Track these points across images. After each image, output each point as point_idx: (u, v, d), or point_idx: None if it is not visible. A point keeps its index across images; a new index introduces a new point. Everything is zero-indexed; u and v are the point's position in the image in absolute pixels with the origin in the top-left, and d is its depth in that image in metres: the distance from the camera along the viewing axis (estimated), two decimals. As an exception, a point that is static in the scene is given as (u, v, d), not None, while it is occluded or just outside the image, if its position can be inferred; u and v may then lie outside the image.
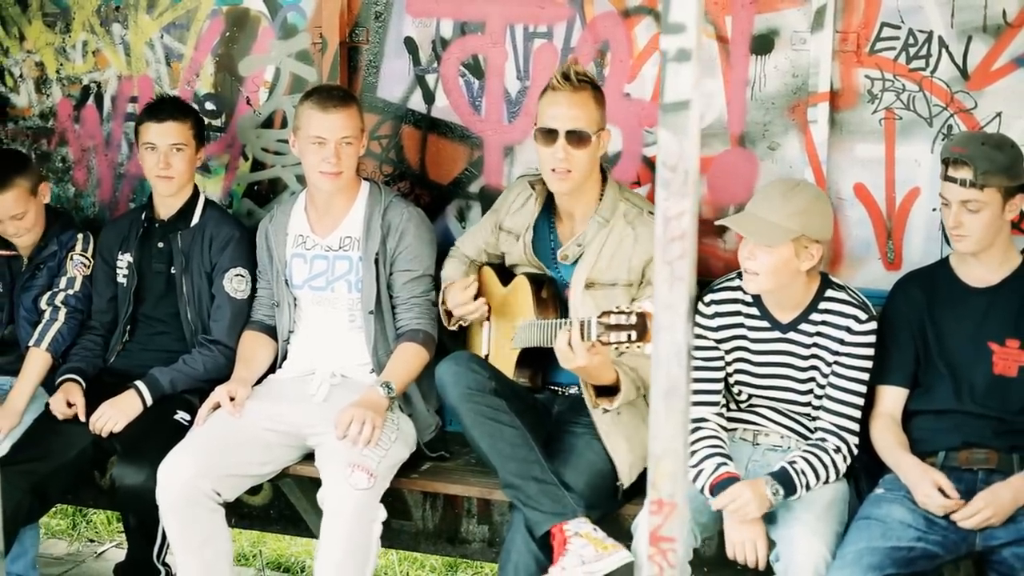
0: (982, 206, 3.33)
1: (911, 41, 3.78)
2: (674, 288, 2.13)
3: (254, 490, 4.60)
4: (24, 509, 3.87)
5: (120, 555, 4.93)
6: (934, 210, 3.78)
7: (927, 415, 3.48)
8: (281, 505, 4.62)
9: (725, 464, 3.43)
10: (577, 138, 3.58)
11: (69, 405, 4.02)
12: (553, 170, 3.61)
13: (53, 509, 5.21)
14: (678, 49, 2.03)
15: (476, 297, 3.82)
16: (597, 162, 3.69)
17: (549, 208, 3.82)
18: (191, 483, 3.65)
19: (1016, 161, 3.37)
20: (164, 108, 4.16)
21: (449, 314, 3.90)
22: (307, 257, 4.03)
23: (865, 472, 3.55)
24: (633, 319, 3.10)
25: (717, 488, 3.38)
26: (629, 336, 3.09)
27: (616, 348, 3.17)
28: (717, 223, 3.55)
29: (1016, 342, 3.42)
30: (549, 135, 3.59)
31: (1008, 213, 3.38)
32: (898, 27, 3.78)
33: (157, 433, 3.86)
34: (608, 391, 3.49)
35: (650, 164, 4.06)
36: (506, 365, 3.75)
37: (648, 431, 2.08)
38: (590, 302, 3.57)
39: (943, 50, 3.75)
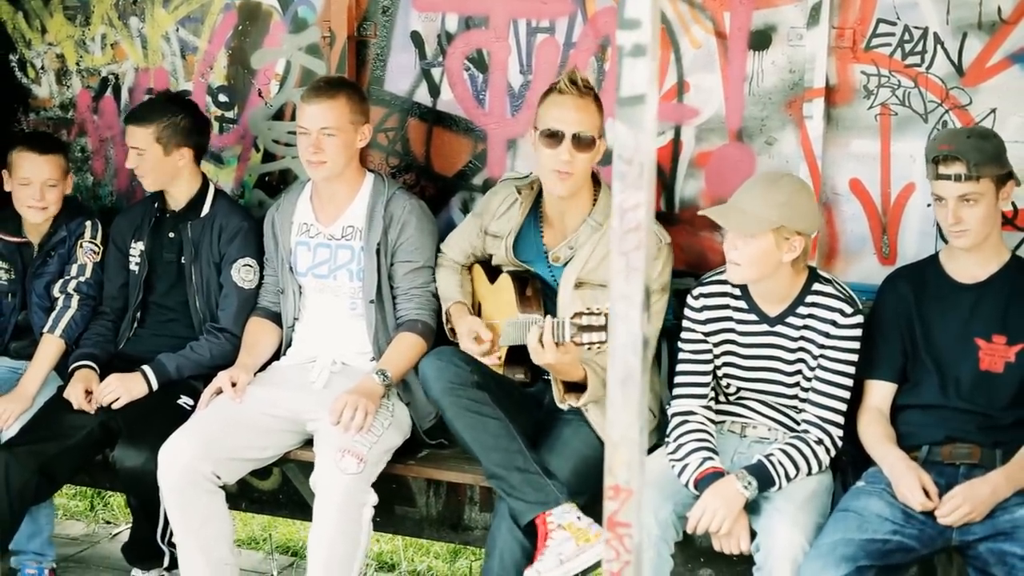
0: (980, 197, 3.35)
1: (907, 37, 3.79)
2: (630, 279, 2.18)
3: (263, 475, 4.70)
4: (32, 488, 3.98)
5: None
6: (928, 206, 3.78)
7: (913, 410, 3.51)
8: (290, 490, 4.71)
9: (710, 459, 3.47)
10: (582, 142, 3.63)
11: (87, 393, 4.11)
12: (554, 171, 3.66)
13: (72, 491, 5.37)
14: (633, 44, 2.08)
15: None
16: (592, 167, 3.74)
17: (536, 212, 3.87)
18: (191, 466, 3.74)
19: (1001, 150, 3.42)
20: (137, 110, 4.30)
21: (453, 331, 3.95)
22: (311, 245, 4.11)
23: (852, 466, 3.58)
24: (603, 320, 3.17)
25: (701, 483, 3.42)
26: (600, 337, 3.16)
27: (589, 348, 3.24)
28: (699, 213, 3.60)
29: (1003, 338, 3.44)
30: (554, 137, 3.64)
31: (1001, 202, 3.41)
32: (894, 23, 3.80)
33: (159, 416, 3.96)
34: (577, 387, 3.55)
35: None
36: (495, 360, 3.81)
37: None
38: (579, 302, 3.62)
39: (938, 46, 3.77)
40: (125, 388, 4.07)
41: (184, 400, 4.08)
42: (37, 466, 3.98)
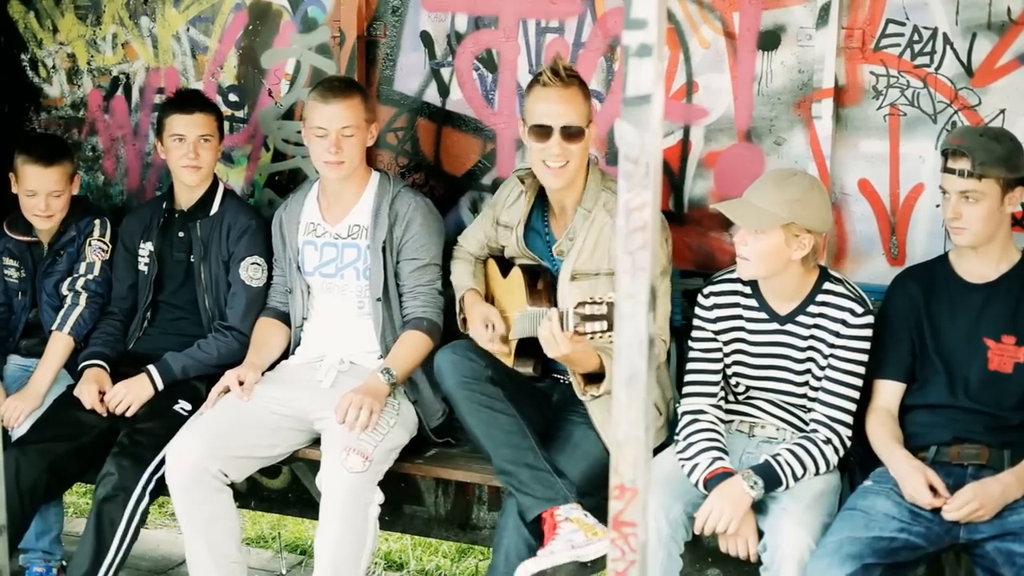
0: (980, 197, 3.35)
1: (916, 38, 3.79)
2: (636, 278, 2.18)
3: (272, 474, 4.71)
4: (42, 487, 4.00)
5: (144, 535, 5.06)
6: (937, 206, 3.79)
7: (921, 410, 3.50)
8: (299, 489, 4.72)
9: (720, 459, 3.47)
10: (571, 133, 3.63)
11: (100, 394, 4.13)
12: (548, 165, 3.66)
13: (83, 489, 5.38)
14: (639, 44, 2.08)
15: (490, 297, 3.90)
16: (586, 156, 3.74)
17: (542, 202, 3.87)
18: (199, 464, 3.76)
19: (1014, 154, 3.39)
20: (190, 100, 4.27)
21: (465, 321, 3.96)
22: (318, 244, 4.12)
23: (861, 466, 3.57)
24: (605, 309, 3.17)
25: (711, 483, 3.43)
26: (603, 326, 3.16)
27: (592, 338, 3.24)
28: (711, 207, 3.61)
29: (1012, 338, 3.43)
30: (543, 131, 3.64)
31: (1007, 206, 3.40)
32: (903, 24, 3.80)
33: (154, 433, 3.97)
34: (596, 377, 3.55)
35: (660, 159, 4.11)
36: (506, 353, 3.82)
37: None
38: (576, 293, 3.62)
39: (947, 47, 3.76)
40: (134, 396, 4.09)
41: (181, 406, 4.09)
42: (47, 465, 3.99)
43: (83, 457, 4.10)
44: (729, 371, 3.65)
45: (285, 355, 4.23)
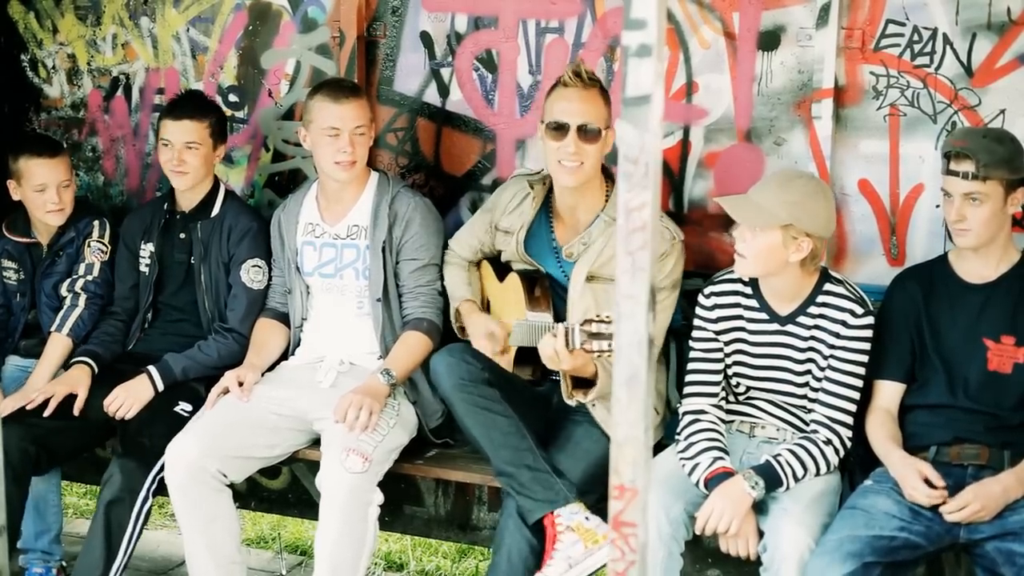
0: (985, 199, 3.35)
1: (916, 38, 3.79)
2: (636, 278, 2.18)
3: (272, 474, 4.71)
4: (31, 458, 3.94)
5: (144, 535, 5.06)
6: (937, 206, 3.79)
7: (921, 410, 3.50)
8: (299, 489, 4.72)
9: (721, 459, 3.47)
10: (587, 133, 3.64)
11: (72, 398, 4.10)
12: (563, 164, 3.66)
13: (83, 490, 5.39)
14: (639, 45, 2.08)
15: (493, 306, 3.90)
16: (601, 160, 3.74)
17: (546, 207, 3.87)
18: (197, 463, 3.76)
19: (1016, 154, 3.39)
20: (183, 106, 4.25)
21: (463, 329, 3.96)
22: (316, 245, 4.12)
23: (860, 466, 3.57)
24: (612, 328, 3.16)
25: (711, 482, 3.43)
26: (609, 345, 3.17)
27: (599, 356, 3.25)
28: (713, 199, 3.61)
29: (1011, 339, 3.43)
30: (559, 129, 3.64)
31: (1010, 207, 3.40)
32: (903, 24, 3.80)
33: (155, 433, 3.95)
34: (586, 382, 3.56)
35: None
36: (505, 360, 3.82)
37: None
38: (589, 295, 3.63)
39: (947, 47, 3.76)
40: (134, 398, 4.07)
41: (182, 407, 4.08)
42: (33, 438, 3.94)
43: (73, 437, 4.11)
44: (730, 371, 3.65)
45: (285, 355, 4.23)
